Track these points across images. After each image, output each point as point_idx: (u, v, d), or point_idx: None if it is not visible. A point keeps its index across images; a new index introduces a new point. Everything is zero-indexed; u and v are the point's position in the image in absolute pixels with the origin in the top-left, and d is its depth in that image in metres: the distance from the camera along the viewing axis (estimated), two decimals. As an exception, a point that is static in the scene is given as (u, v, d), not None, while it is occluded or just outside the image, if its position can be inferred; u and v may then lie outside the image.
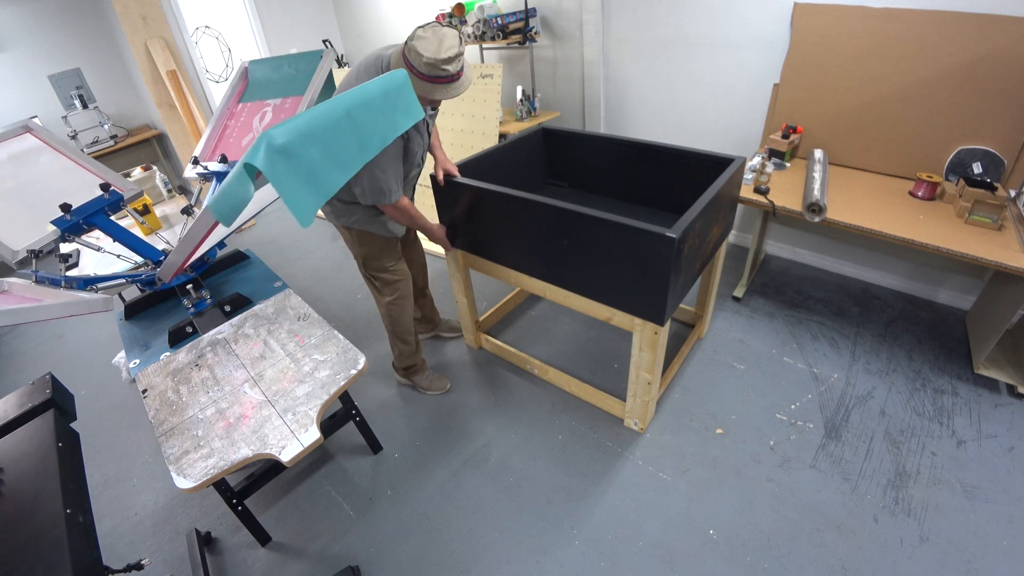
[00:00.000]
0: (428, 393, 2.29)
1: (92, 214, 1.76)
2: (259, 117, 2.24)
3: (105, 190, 1.81)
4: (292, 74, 2.23)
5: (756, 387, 2.15)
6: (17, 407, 1.17)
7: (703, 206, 1.55)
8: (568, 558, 1.62)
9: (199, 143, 2.31)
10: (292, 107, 2.15)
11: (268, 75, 2.33)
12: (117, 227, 1.84)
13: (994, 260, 1.75)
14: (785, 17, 2.38)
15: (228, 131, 2.30)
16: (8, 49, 3.95)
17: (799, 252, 2.94)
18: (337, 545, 1.74)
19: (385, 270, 1.99)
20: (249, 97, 2.34)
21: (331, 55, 2.19)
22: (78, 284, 1.79)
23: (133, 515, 1.93)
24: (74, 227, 1.75)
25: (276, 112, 2.20)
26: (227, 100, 2.36)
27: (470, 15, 3.25)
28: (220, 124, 2.31)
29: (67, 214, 1.71)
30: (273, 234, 4.03)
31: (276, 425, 1.42)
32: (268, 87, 2.30)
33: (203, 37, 4.49)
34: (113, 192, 1.82)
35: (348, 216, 1.86)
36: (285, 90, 2.22)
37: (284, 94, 2.21)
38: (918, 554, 1.53)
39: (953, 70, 2.05)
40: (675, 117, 3.02)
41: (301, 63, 2.22)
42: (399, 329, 2.13)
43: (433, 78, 1.50)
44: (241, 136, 2.24)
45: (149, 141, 4.59)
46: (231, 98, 2.36)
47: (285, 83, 2.24)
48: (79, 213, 1.73)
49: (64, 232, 1.75)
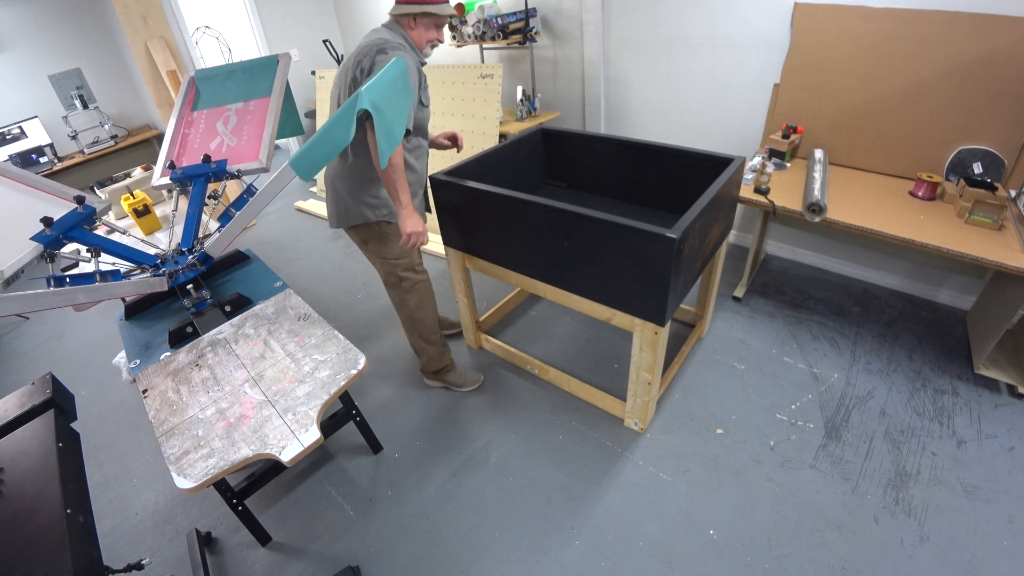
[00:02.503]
0: (463, 390, 2.28)
1: (70, 228, 1.74)
2: (222, 121, 2.29)
3: (80, 203, 1.80)
4: (248, 78, 2.29)
5: (756, 387, 2.15)
6: (17, 407, 1.17)
7: (703, 206, 1.55)
8: (568, 558, 1.62)
9: (160, 153, 2.32)
10: (257, 108, 2.21)
11: (221, 82, 2.37)
12: (100, 238, 1.82)
13: (994, 260, 1.75)
14: (785, 17, 2.38)
15: (190, 138, 2.34)
16: (8, 49, 3.96)
17: (799, 252, 2.94)
18: (337, 545, 1.74)
19: (413, 269, 1.97)
20: (205, 104, 2.38)
21: (288, 59, 2.27)
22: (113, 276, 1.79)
23: (133, 515, 1.93)
24: (55, 241, 1.73)
25: (240, 115, 2.25)
26: (179, 109, 2.39)
27: (470, 15, 3.25)
28: (178, 134, 2.35)
29: (47, 228, 1.69)
30: (273, 234, 4.03)
31: (276, 425, 1.42)
32: (225, 93, 2.34)
33: (203, 37, 4.49)
34: (86, 206, 1.81)
35: (375, 210, 1.83)
36: (245, 94, 2.27)
37: (245, 97, 2.27)
38: (918, 554, 1.53)
39: (953, 70, 2.05)
40: (675, 117, 3.02)
41: (256, 69, 2.28)
42: (424, 330, 2.10)
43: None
44: (207, 140, 2.27)
45: (149, 141, 4.59)
46: (183, 107, 2.40)
47: (242, 87, 2.29)
48: (58, 227, 1.71)
49: (46, 247, 1.73)
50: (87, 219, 1.81)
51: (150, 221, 2.51)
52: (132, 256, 1.93)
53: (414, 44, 1.75)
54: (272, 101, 2.18)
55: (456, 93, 3.18)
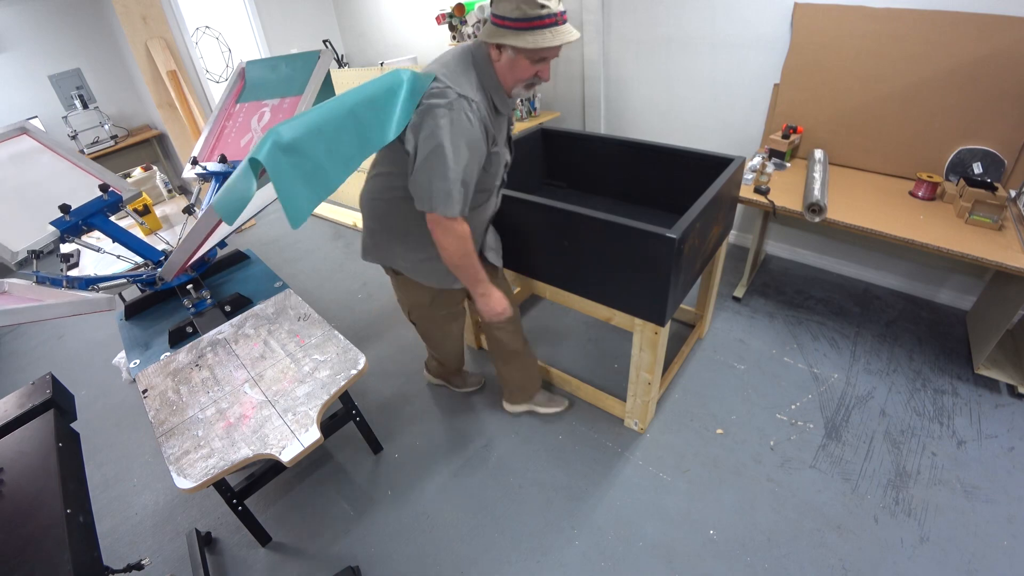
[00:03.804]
0: (462, 391, 2.20)
1: (91, 215, 1.76)
2: (257, 117, 2.23)
3: (104, 191, 1.81)
4: (289, 74, 2.21)
5: (756, 387, 2.15)
6: (17, 407, 1.17)
7: (703, 206, 1.55)
8: (568, 558, 1.62)
9: (197, 143, 2.30)
10: (290, 107, 2.14)
11: (265, 75, 2.31)
12: (117, 228, 1.84)
13: (994, 260, 1.75)
14: (785, 17, 2.38)
15: (226, 131, 2.29)
16: (8, 49, 3.95)
17: (799, 252, 2.94)
18: (337, 545, 1.74)
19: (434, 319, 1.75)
20: (247, 97, 2.32)
21: (329, 55, 2.18)
22: (79, 284, 1.78)
23: (133, 515, 1.93)
24: (73, 228, 1.75)
25: (274, 112, 2.19)
26: (225, 100, 2.35)
27: (470, 15, 3.25)
28: (218, 124, 2.31)
29: (66, 215, 1.71)
30: (273, 234, 4.03)
31: (276, 425, 1.42)
32: (265, 87, 2.28)
33: (203, 37, 4.49)
34: (112, 193, 1.82)
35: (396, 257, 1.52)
36: (283, 90, 2.20)
37: (282, 94, 2.19)
38: (918, 554, 1.53)
39: (953, 70, 2.05)
40: (675, 117, 3.02)
41: (298, 63, 2.20)
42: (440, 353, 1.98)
43: (533, 20, 1.19)
44: (239, 136, 2.23)
45: (149, 141, 4.59)
46: (229, 98, 2.36)
47: (283, 83, 2.22)
48: (78, 214, 1.73)
49: (63, 233, 1.74)
50: (112, 207, 1.82)
51: (150, 221, 2.51)
52: (142, 250, 1.95)
53: (497, 82, 1.32)
54: (302, 102, 2.08)
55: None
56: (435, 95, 1.23)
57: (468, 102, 1.24)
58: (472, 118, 1.24)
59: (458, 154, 1.23)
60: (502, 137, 1.46)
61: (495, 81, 1.32)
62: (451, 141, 1.21)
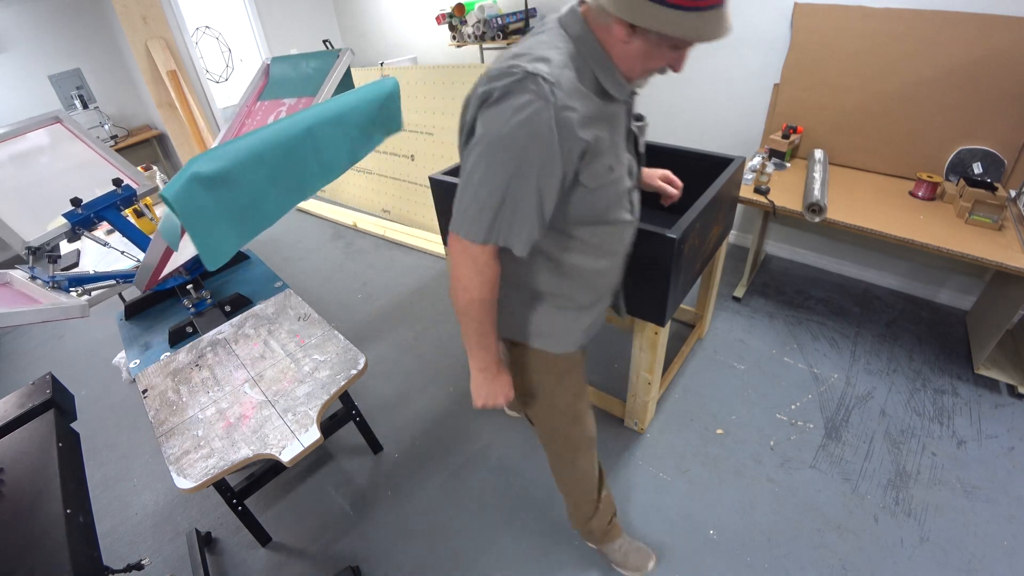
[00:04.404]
0: (620, 571, 1.56)
1: (103, 208, 1.75)
2: (274, 116, 2.17)
3: (118, 185, 1.80)
4: (310, 73, 2.14)
5: (756, 387, 2.15)
6: (17, 407, 1.17)
7: (703, 206, 1.55)
8: (568, 558, 1.62)
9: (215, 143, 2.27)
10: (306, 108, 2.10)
11: (287, 73, 2.24)
12: (127, 223, 1.84)
13: (994, 260, 1.75)
14: (785, 17, 2.38)
15: (245, 129, 2.25)
16: (8, 49, 3.95)
17: (799, 252, 2.94)
18: (337, 545, 1.74)
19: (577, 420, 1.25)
20: (268, 95, 2.25)
21: (348, 55, 2.05)
22: (65, 284, 1.70)
23: (133, 515, 1.93)
24: (84, 220, 1.73)
25: (290, 112, 2.13)
26: (247, 97, 2.28)
27: (470, 15, 3.25)
28: (238, 122, 2.25)
29: (78, 208, 1.70)
30: (274, 234, 4.03)
31: (276, 425, 1.42)
32: (286, 85, 2.21)
33: (203, 37, 4.49)
34: (126, 187, 1.81)
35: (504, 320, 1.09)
36: (301, 90, 2.12)
37: (300, 94, 2.11)
38: (918, 554, 1.53)
39: (953, 70, 2.05)
40: (675, 117, 3.02)
41: (320, 62, 2.12)
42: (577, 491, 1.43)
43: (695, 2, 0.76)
44: None
45: (149, 141, 4.59)
46: (251, 95, 2.29)
47: (302, 82, 2.15)
48: (91, 207, 1.72)
49: (74, 225, 1.73)
50: (125, 200, 1.81)
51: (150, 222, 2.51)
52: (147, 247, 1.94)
53: (610, 68, 0.88)
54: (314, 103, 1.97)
55: (456, 93, 3.18)
56: (495, 76, 0.84)
57: (542, 81, 0.80)
58: (542, 110, 0.79)
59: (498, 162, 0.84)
60: (619, 134, 0.97)
61: (604, 58, 0.88)
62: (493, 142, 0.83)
